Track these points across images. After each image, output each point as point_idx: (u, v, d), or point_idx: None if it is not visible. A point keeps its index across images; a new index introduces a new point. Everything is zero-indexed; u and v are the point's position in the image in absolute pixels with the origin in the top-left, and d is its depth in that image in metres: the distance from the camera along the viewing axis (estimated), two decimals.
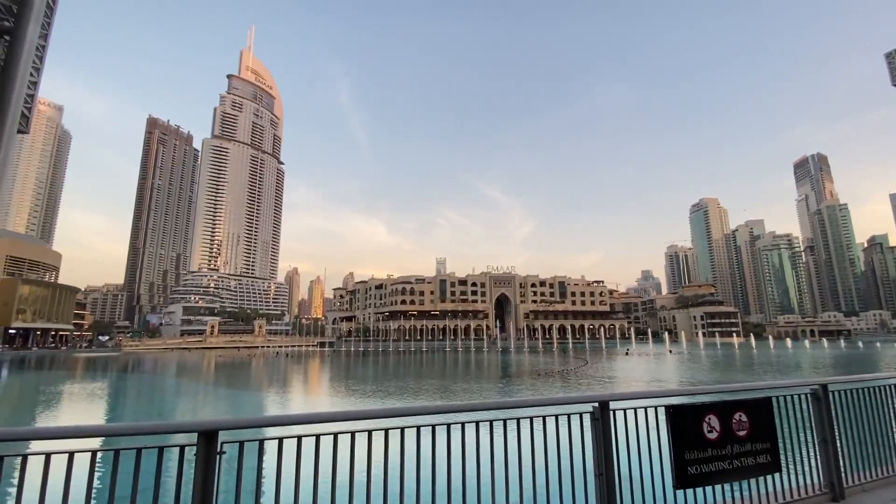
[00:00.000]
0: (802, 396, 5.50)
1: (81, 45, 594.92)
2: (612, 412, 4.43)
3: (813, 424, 5.48)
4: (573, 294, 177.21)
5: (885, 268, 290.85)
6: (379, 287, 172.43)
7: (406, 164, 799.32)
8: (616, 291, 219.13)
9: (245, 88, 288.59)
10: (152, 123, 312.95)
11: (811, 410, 5.48)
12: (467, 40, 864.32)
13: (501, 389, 35.27)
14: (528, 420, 4.27)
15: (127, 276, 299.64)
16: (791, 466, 5.14)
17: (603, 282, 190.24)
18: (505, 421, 4.11)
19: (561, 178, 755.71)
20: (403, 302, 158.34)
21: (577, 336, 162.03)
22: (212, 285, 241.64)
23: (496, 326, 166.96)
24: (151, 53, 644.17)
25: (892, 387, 6.31)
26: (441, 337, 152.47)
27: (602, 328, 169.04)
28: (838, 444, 5.39)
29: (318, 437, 3.41)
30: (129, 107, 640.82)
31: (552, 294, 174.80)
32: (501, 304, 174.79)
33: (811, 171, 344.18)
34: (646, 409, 4.66)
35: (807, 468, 5.33)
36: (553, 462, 4.16)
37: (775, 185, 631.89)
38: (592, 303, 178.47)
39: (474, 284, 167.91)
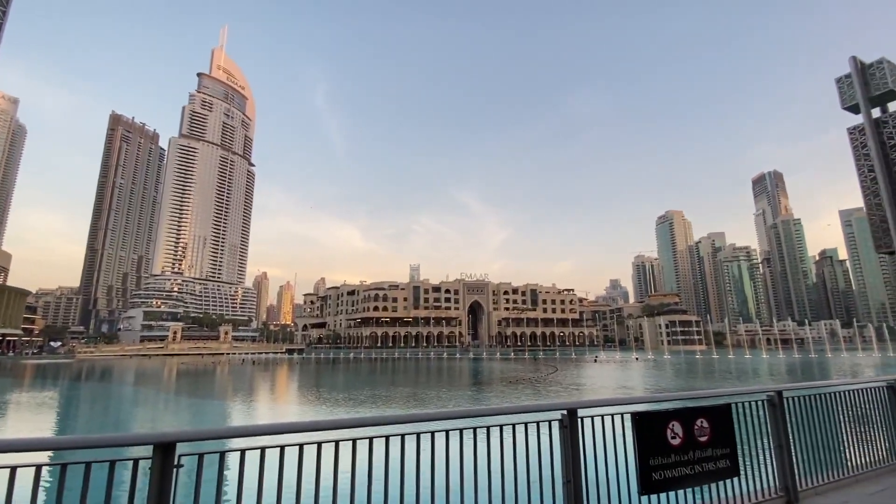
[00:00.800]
0: (759, 403, 5.70)
1: (42, 37, 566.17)
2: (580, 419, 4.48)
3: (769, 430, 5.69)
4: (545, 302, 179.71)
5: (835, 280, 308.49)
6: (351, 293, 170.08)
7: (383, 169, 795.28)
8: (586, 299, 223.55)
9: (216, 87, 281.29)
10: (115, 120, 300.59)
11: (767, 416, 5.70)
12: (446, 49, 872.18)
13: (472, 397, 35.28)
14: (498, 428, 4.26)
15: (83, 279, 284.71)
16: (749, 471, 5.32)
17: (573, 290, 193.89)
18: (475, 429, 4.09)
19: (536, 188, 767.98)
20: (376, 308, 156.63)
21: (549, 343, 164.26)
22: (175, 289, 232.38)
23: (469, 333, 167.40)
24: (118, 49, 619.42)
25: (842, 393, 6.66)
26: (414, 344, 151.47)
27: (572, 335, 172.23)
28: (793, 449, 5.62)
29: (282, 448, 3.30)
30: (92, 103, 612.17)
31: (524, 302, 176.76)
32: (475, 311, 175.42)
33: (768, 188, 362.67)
34: (612, 416, 4.75)
35: (763, 472, 5.52)
36: (522, 470, 4.17)
37: (736, 200, 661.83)
38: (563, 311, 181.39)
39: (448, 291, 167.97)
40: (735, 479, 5.06)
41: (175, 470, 2.95)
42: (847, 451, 6.52)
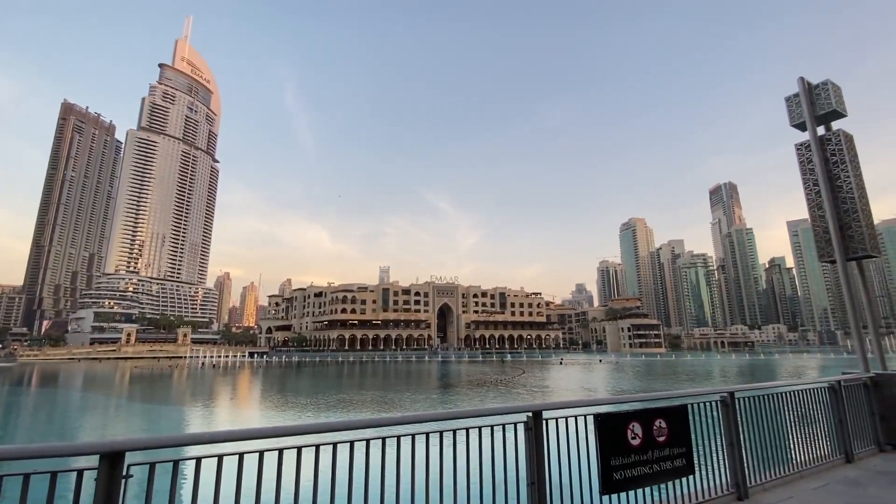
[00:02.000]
0: (713, 403, 5.93)
1: None
2: (544, 422, 4.54)
3: (722, 429, 5.93)
4: (513, 305, 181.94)
5: (783, 286, 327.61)
6: (318, 295, 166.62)
7: (354, 170, 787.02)
8: (552, 303, 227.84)
9: (179, 80, 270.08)
10: (67, 109, 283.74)
11: (720, 416, 5.96)
12: (419, 53, 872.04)
13: (439, 400, 35.23)
14: (465, 431, 4.26)
15: (28, 277, 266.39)
16: (703, 469, 5.54)
17: (541, 294, 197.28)
18: (441, 433, 4.07)
19: (506, 193, 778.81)
20: (344, 311, 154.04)
21: (516, 346, 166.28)
22: (130, 289, 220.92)
23: (438, 336, 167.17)
24: (72, 34, 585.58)
25: (788, 394, 7.06)
26: (382, 347, 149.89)
27: (539, 338, 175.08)
28: (743, 447, 5.90)
29: (241, 455, 3.17)
30: (42, 90, 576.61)
31: (493, 305, 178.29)
32: (444, 313, 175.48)
33: (724, 198, 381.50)
34: (576, 417, 4.84)
35: (716, 470, 5.76)
36: (487, 472, 4.18)
37: (694, 209, 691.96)
38: (531, 314, 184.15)
39: (417, 294, 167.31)
40: (690, 477, 5.25)
41: (124, 481, 2.77)
42: (793, 448, 6.91)
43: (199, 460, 3.05)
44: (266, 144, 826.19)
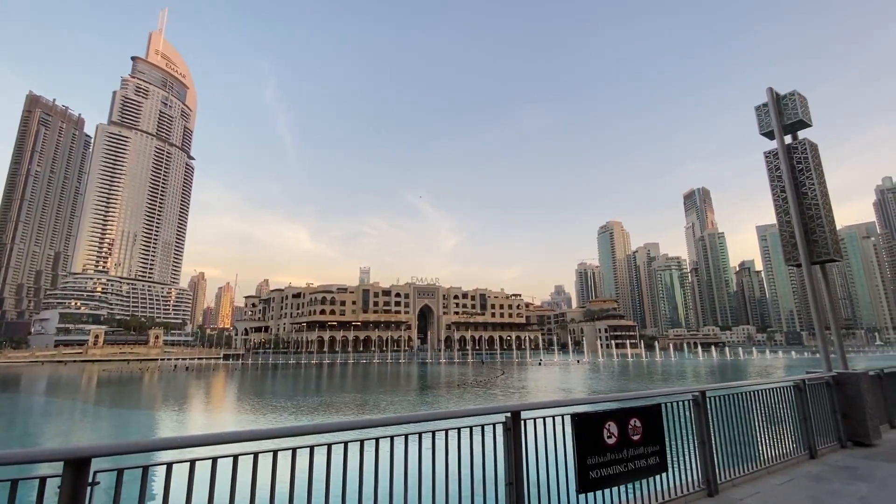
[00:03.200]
0: (685, 402, 6.10)
1: None
2: (523, 422, 4.57)
3: (693, 427, 6.09)
4: (493, 306, 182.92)
5: (752, 289, 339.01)
6: (297, 296, 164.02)
7: (334, 169, 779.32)
8: (532, 304, 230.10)
9: (153, 73, 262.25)
10: (32, 101, 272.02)
11: (692, 415, 6.13)
12: (400, 55, 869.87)
13: (419, 402, 35.12)
14: (444, 433, 4.26)
15: None
16: (675, 466, 5.67)
17: (520, 295, 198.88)
18: (420, 434, 4.05)
19: (487, 195, 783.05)
20: (323, 312, 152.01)
21: (496, 347, 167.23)
22: (98, 289, 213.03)
23: (418, 338, 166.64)
24: (40, 24, 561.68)
25: (756, 392, 7.30)
26: (362, 348, 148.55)
27: (519, 339, 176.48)
28: (714, 445, 6.07)
29: (215, 460, 3.08)
30: (5, 81, 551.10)
31: (474, 306, 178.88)
32: (424, 315, 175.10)
33: (697, 203, 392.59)
34: (554, 417, 4.89)
35: (688, 467, 5.91)
36: (466, 473, 4.18)
37: (669, 213, 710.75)
38: (511, 315, 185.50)
39: (398, 295, 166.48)
40: (663, 475, 5.38)
41: (89, 488, 2.66)
42: (760, 445, 7.15)
43: (170, 466, 2.96)
44: (244, 142, 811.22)
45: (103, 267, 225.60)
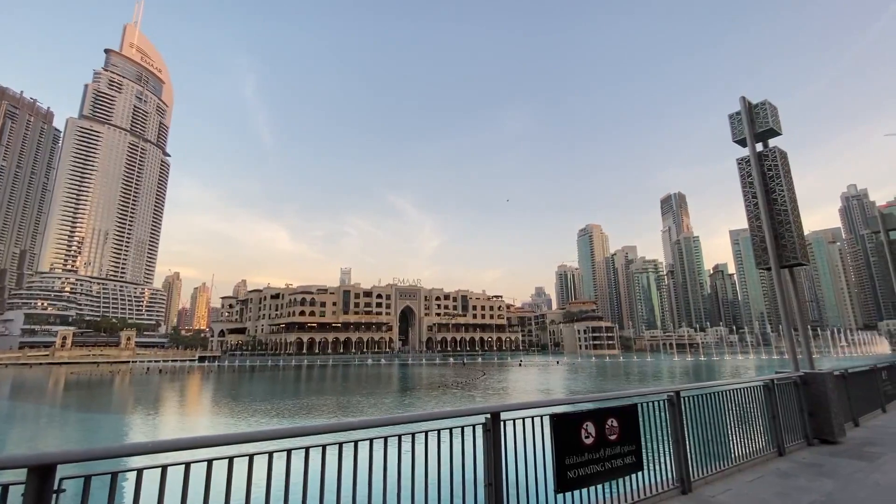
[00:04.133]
0: (661, 402, 6.23)
1: None
2: (502, 423, 4.59)
3: (668, 427, 6.23)
4: (474, 308, 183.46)
5: (725, 291, 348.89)
6: (275, 297, 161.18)
7: (316, 169, 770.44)
8: (513, 306, 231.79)
9: (127, 67, 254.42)
10: None
11: (667, 414, 6.26)
12: (382, 55, 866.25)
13: (399, 403, 34.95)
14: (423, 434, 4.25)
15: None
16: (651, 465, 5.78)
17: (502, 297, 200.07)
18: (400, 436, 4.03)
19: (469, 197, 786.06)
20: (303, 313, 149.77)
21: (477, 348, 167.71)
22: (67, 289, 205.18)
23: (400, 339, 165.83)
24: (7, 13, 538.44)
25: (728, 392, 7.50)
26: (342, 350, 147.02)
27: (500, 340, 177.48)
28: (688, 444, 6.22)
29: (188, 465, 3.00)
30: None
31: (455, 307, 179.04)
32: (406, 316, 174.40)
33: (673, 207, 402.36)
34: (533, 418, 4.93)
35: (663, 466, 6.04)
36: (446, 475, 4.18)
37: (647, 217, 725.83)
38: (492, 316, 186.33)
39: (379, 296, 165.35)
40: (639, 473, 5.48)
41: (55, 496, 2.56)
42: (732, 443, 7.35)
43: (140, 472, 2.87)
44: (222, 140, 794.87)
45: (72, 266, 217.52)
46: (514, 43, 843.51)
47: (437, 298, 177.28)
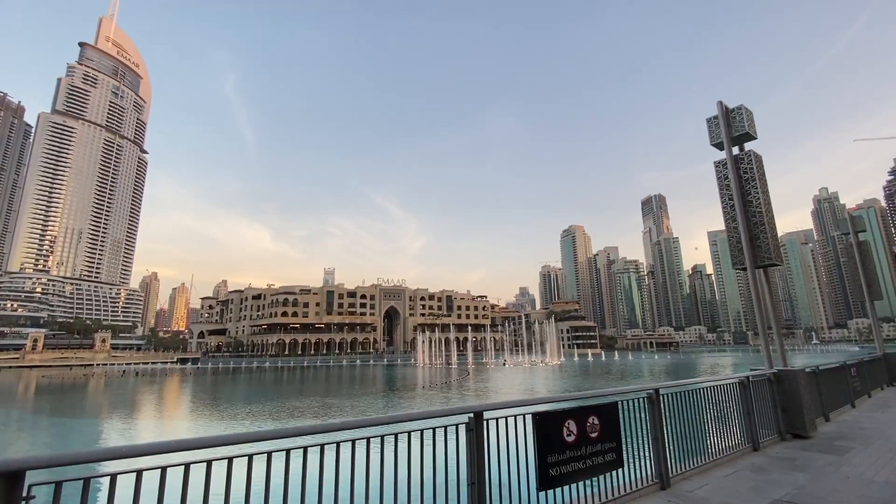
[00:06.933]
0: (641, 400, 6.35)
1: None
2: (485, 422, 4.61)
3: (648, 424, 6.35)
4: (459, 308, 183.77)
5: (704, 291, 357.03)
6: (257, 297, 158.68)
7: (298, 168, 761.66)
8: (497, 306, 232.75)
9: (103, 61, 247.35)
10: None
11: (647, 412, 6.38)
12: (367, 54, 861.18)
13: (382, 404, 34.78)
14: (406, 435, 4.23)
15: None
16: (631, 462, 5.88)
17: (486, 297, 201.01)
18: (383, 437, 4.01)
19: (453, 198, 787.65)
20: (285, 314, 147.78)
21: (462, 348, 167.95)
22: (38, 289, 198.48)
23: (384, 339, 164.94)
24: None
25: (706, 389, 7.68)
26: (326, 351, 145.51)
27: (484, 340, 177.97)
28: (667, 440, 6.35)
29: (164, 469, 2.92)
30: None
31: (440, 308, 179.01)
32: (391, 316, 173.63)
33: (654, 209, 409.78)
34: (516, 417, 4.96)
35: (642, 462, 6.16)
36: (429, 475, 4.18)
37: (629, 218, 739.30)
38: (476, 316, 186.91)
39: (364, 297, 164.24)
40: (620, 470, 5.57)
41: (24, 503, 2.48)
42: (709, 439, 7.53)
43: (114, 477, 2.79)
44: (202, 137, 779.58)
45: (44, 266, 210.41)
46: (499, 44, 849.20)
47: (422, 299, 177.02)
